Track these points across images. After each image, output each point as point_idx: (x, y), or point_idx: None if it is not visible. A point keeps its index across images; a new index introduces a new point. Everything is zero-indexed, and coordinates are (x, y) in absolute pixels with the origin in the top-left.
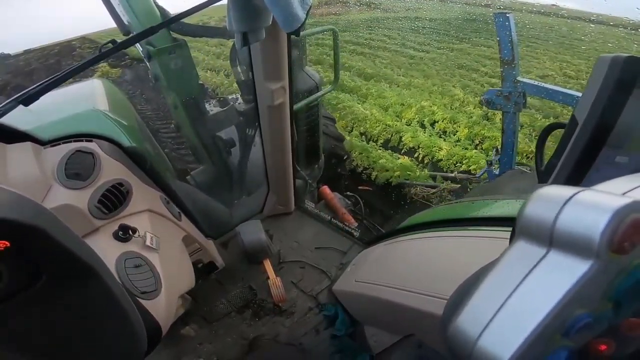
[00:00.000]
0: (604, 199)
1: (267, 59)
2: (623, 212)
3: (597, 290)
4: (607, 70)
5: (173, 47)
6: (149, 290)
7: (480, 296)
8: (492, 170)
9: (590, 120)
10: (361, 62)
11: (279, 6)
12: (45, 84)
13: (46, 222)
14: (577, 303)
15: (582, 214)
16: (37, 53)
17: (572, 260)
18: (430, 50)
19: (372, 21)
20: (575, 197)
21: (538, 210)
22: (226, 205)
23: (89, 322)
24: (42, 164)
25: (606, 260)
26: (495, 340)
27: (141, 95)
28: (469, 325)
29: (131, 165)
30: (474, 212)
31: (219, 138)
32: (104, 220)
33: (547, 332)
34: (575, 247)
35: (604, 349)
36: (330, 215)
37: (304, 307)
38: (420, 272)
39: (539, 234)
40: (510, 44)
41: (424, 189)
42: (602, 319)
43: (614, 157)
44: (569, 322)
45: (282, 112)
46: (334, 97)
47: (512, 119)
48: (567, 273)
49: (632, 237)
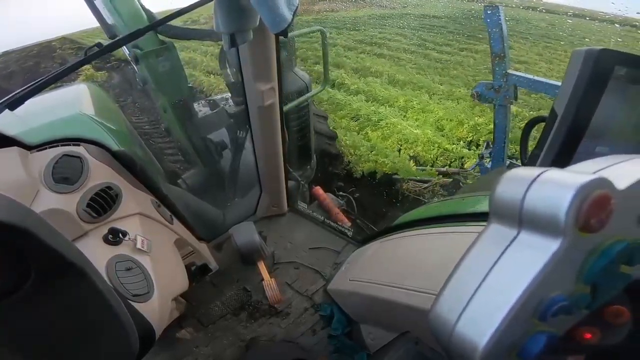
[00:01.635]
0: (569, 177)
1: (256, 60)
2: (587, 188)
3: (569, 271)
4: (581, 63)
5: (160, 50)
6: (140, 293)
7: (456, 282)
8: (484, 163)
9: (568, 113)
10: (388, 67)
11: (265, 7)
12: (31, 87)
13: (32, 223)
14: (551, 284)
15: (547, 192)
16: (15, 55)
17: (541, 240)
18: (452, 52)
19: (375, 19)
20: (541, 176)
21: (507, 192)
22: (219, 207)
23: (78, 323)
24: (29, 169)
25: (575, 238)
26: (472, 325)
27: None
28: (446, 311)
29: (120, 168)
30: (466, 209)
31: (209, 140)
32: (93, 224)
33: (522, 315)
34: (543, 226)
35: (588, 337)
36: (323, 216)
37: (300, 308)
38: (414, 269)
39: (509, 215)
40: (501, 37)
41: (416, 184)
42: (579, 303)
43: (595, 147)
44: (544, 304)
45: (272, 113)
46: (373, 112)
47: (503, 112)
48: (537, 253)
49: (598, 213)
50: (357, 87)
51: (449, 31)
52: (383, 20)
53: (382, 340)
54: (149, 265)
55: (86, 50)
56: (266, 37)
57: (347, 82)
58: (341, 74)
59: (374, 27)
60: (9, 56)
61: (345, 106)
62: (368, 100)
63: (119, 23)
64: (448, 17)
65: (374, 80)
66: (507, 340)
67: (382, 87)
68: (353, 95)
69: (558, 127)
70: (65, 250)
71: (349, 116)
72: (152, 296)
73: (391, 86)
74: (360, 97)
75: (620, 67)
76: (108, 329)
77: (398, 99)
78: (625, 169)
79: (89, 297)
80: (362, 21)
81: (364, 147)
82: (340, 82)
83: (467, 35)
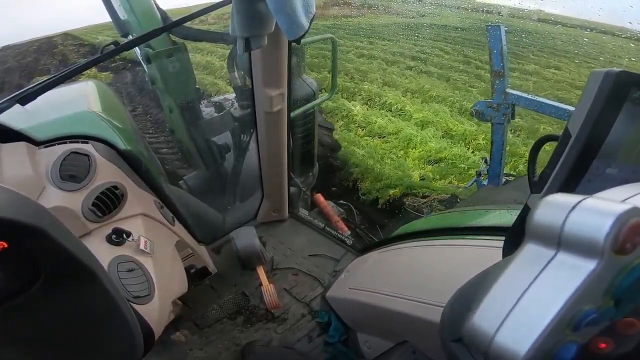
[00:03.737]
0: (608, 205)
1: (268, 66)
2: (625, 216)
3: (601, 287)
4: (599, 84)
5: (172, 50)
6: (142, 295)
7: (494, 295)
8: (481, 180)
9: (582, 133)
10: (449, 90)
11: (284, 14)
12: (44, 83)
13: (46, 222)
14: (585, 299)
15: (588, 218)
16: (15, 50)
17: (579, 260)
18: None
19: (398, 28)
20: (581, 203)
21: (547, 216)
22: (219, 211)
23: (85, 323)
24: (36, 165)
25: (609, 259)
26: (512, 336)
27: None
28: (485, 322)
29: (126, 168)
30: (466, 222)
31: (213, 143)
32: (97, 224)
33: (559, 327)
34: (581, 248)
35: (603, 347)
36: (323, 223)
37: (297, 314)
38: (413, 279)
39: (547, 237)
40: (501, 55)
41: (415, 199)
42: (605, 315)
43: (605, 169)
44: (578, 317)
45: (279, 118)
46: (461, 157)
47: (500, 131)
48: (575, 272)
49: (633, 238)
50: (422, 116)
51: (482, 45)
52: (408, 31)
53: (378, 349)
54: (150, 267)
55: (102, 49)
56: (279, 43)
57: (409, 109)
58: (399, 96)
59: (403, 37)
60: (8, 51)
61: (420, 145)
62: (445, 137)
63: (133, 21)
64: (474, 29)
65: (441, 109)
66: (544, 348)
67: (454, 118)
68: (421, 127)
69: (572, 146)
70: (77, 251)
71: (425, 157)
72: (152, 298)
73: (464, 118)
74: (433, 131)
75: (636, 89)
76: (115, 330)
77: (477, 137)
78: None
79: (98, 298)
80: (386, 30)
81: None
82: (400, 107)
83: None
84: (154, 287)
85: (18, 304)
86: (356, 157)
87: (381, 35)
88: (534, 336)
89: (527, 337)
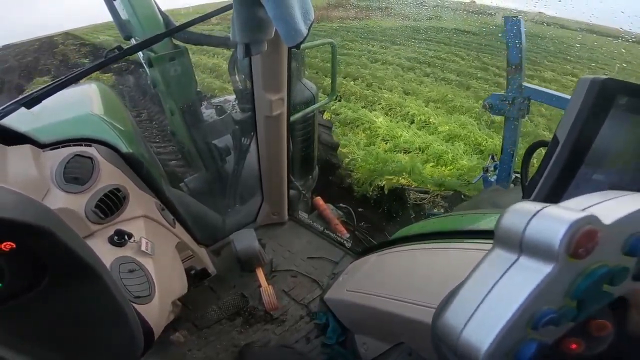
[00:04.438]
0: (564, 213)
1: (267, 71)
2: (579, 223)
3: (559, 289)
4: (586, 91)
5: (174, 54)
6: (142, 295)
7: (463, 295)
8: (487, 177)
9: (569, 140)
10: (471, 99)
11: (282, 21)
12: (49, 87)
13: (53, 223)
14: (543, 300)
15: (545, 225)
16: (15, 49)
17: (537, 264)
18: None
19: (407, 31)
20: (541, 211)
21: (510, 222)
22: (219, 213)
23: (90, 321)
24: (40, 167)
25: (565, 263)
26: (476, 332)
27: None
28: (454, 319)
29: (128, 170)
30: (464, 226)
31: (214, 146)
32: (100, 225)
33: (518, 324)
34: (540, 252)
35: (574, 347)
36: (323, 226)
37: (296, 315)
38: (410, 282)
39: (511, 242)
40: (519, 48)
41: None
42: (566, 315)
43: (592, 175)
44: (536, 316)
45: (279, 122)
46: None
47: (514, 125)
48: (533, 274)
49: (586, 244)
50: (449, 129)
51: (497, 50)
52: (417, 34)
53: (375, 350)
54: (151, 267)
55: (106, 53)
56: (279, 49)
57: (434, 121)
58: (421, 107)
59: (415, 41)
60: (8, 50)
61: (452, 162)
62: (475, 152)
63: (136, 24)
64: (485, 33)
65: (467, 121)
66: (506, 345)
67: (482, 132)
68: (449, 141)
69: (559, 153)
70: (82, 252)
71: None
72: (153, 298)
73: (492, 131)
74: (463, 146)
75: (622, 96)
76: (116, 328)
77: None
78: (613, 206)
79: (101, 297)
80: (396, 33)
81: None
82: (424, 119)
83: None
84: (154, 287)
85: (25, 302)
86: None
87: (392, 39)
88: (495, 333)
89: (489, 333)
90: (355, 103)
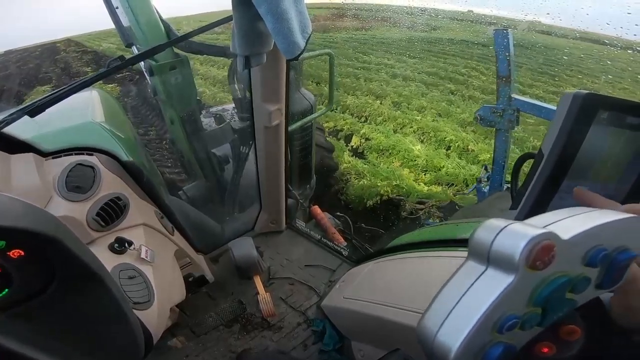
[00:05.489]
0: (525, 229)
1: (266, 82)
2: (536, 239)
3: (522, 297)
4: (569, 105)
5: (175, 63)
6: (142, 301)
7: (440, 300)
8: (481, 187)
9: (553, 153)
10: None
11: (281, 34)
12: (52, 96)
13: (61, 232)
14: (507, 306)
15: (509, 240)
16: (17, 55)
17: (501, 274)
18: (548, 98)
19: (417, 42)
20: (506, 228)
21: (481, 237)
22: (218, 221)
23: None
24: (43, 175)
25: (524, 274)
26: (448, 334)
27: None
28: (431, 323)
29: (128, 179)
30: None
31: (213, 154)
32: (101, 233)
33: (484, 328)
34: (503, 264)
35: (546, 351)
36: (320, 235)
37: (293, 322)
38: (406, 289)
39: (481, 255)
40: (508, 60)
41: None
42: (530, 321)
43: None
44: (500, 321)
45: (277, 133)
46: None
47: (504, 137)
48: (497, 283)
49: (543, 257)
50: (490, 158)
51: (519, 63)
52: (429, 45)
53: (372, 357)
54: (150, 274)
55: (109, 63)
56: (278, 60)
57: (473, 148)
58: (458, 132)
59: (429, 54)
60: (10, 55)
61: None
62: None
63: (138, 33)
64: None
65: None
66: (474, 347)
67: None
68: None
69: (544, 166)
70: (88, 259)
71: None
72: (152, 304)
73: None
74: (508, 177)
75: (603, 111)
76: (119, 333)
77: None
78: (575, 222)
79: (105, 302)
80: (407, 45)
81: None
82: (462, 146)
83: (548, 74)
84: (153, 294)
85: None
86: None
87: (405, 51)
88: (463, 335)
89: (458, 336)
90: (384, 125)
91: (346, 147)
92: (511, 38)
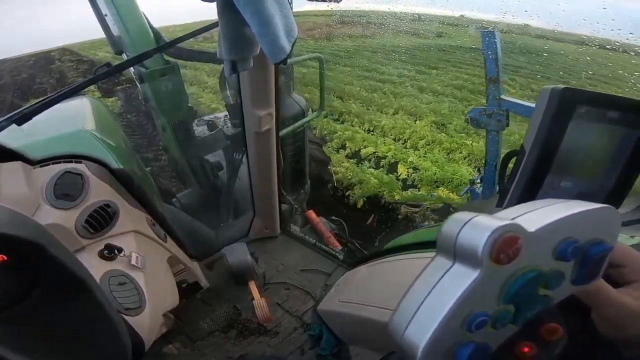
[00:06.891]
0: (489, 221)
1: (255, 87)
2: (499, 231)
3: (491, 293)
4: (547, 101)
5: (165, 70)
6: (132, 307)
7: (409, 297)
8: (475, 189)
9: (534, 149)
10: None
11: (266, 38)
12: (39, 104)
13: (45, 239)
14: (475, 303)
15: (473, 233)
16: (11, 64)
17: (467, 269)
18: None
19: (428, 51)
20: (471, 220)
21: (447, 231)
22: (212, 227)
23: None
24: (31, 184)
25: (489, 268)
26: (415, 331)
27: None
28: (400, 320)
29: (118, 186)
30: None
31: (206, 161)
32: (90, 240)
33: (452, 325)
34: (468, 259)
35: (526, 350)
36: (315, 239)
37: (289, 327)
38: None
39: (448, 250)
40: (496, 61)
41: (408, 208)
42: (502, 318)
43: (559, 182)
44: (469, 318)
45: (268, 138)
46: None
47: (495, 138)
48: (463, 279)
49: (506, 250)
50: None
51: (533, 74)
52: (443, 54)
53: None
54: (142, 280)
55: (95, 70)
56: (266, 65)
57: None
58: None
59: (447, 63)
60: (5, 65)
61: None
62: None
63: (127, 40)
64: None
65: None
66: (444, 345)
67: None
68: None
69: (526, 162)
70: (73, 266)
71: None
72: (143, 310)
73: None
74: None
75: (582, 105)
76: (105, 339)
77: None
78: (543, 214)
79: (90, 309)
80: (422, 55)
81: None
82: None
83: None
84: (144, 299)
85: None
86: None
87: (422, 61)
88: (430, 332)
89: (425, 333)
90: (430, 149)
91: (397, 181)
92: (498, 37)
